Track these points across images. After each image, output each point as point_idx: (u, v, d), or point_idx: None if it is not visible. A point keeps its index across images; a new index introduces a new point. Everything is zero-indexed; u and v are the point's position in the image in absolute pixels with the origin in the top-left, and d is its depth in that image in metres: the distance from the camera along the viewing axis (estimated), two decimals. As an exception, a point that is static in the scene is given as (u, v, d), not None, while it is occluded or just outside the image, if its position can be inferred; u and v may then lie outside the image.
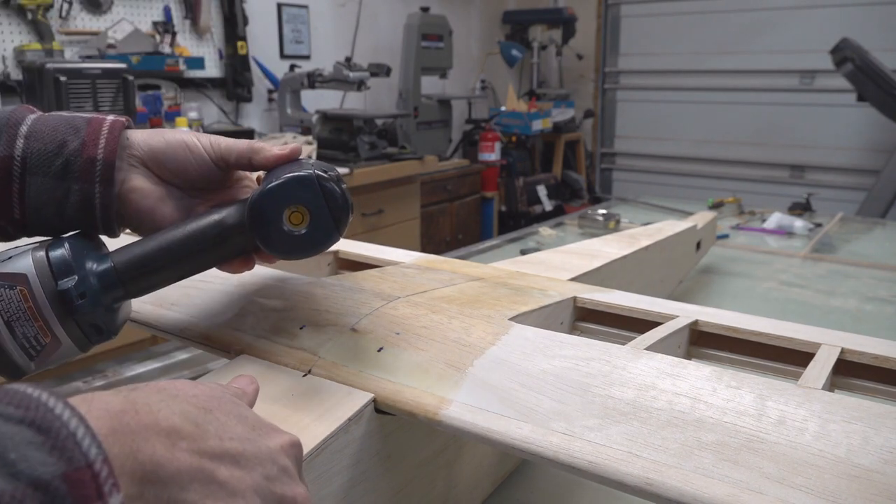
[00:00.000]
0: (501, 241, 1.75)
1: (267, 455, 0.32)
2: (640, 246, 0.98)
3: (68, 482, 0.22)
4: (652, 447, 0.38)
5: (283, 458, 0.34)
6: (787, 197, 2.83)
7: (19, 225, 0.45)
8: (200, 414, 0.30)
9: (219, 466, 0.29)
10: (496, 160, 4.05)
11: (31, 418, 0.23)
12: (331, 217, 0.45)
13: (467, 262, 0.80)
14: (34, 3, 2.51)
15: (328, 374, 0.48)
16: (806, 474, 0.35)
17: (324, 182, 0.45)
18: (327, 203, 0.45)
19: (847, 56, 3.23)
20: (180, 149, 0.49)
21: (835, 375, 0.54)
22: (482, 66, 5.04)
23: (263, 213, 0.45)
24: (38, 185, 0.45)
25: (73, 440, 0.23)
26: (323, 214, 0.45)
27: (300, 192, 0.45)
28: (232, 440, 0.31)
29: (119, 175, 0.47)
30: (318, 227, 0.45)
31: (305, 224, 0.45)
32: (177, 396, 0.31)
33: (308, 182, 0.45)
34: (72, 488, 0.22)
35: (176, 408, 0.29)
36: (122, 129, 0.47)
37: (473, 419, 0.42)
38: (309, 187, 0.45)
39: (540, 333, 0.51)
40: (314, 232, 0.45)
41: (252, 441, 0.32)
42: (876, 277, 1.45)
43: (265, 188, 0.45)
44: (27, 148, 0.45)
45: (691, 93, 4.79)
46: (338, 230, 0.46)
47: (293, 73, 3.22)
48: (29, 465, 0.22)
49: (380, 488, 0.47)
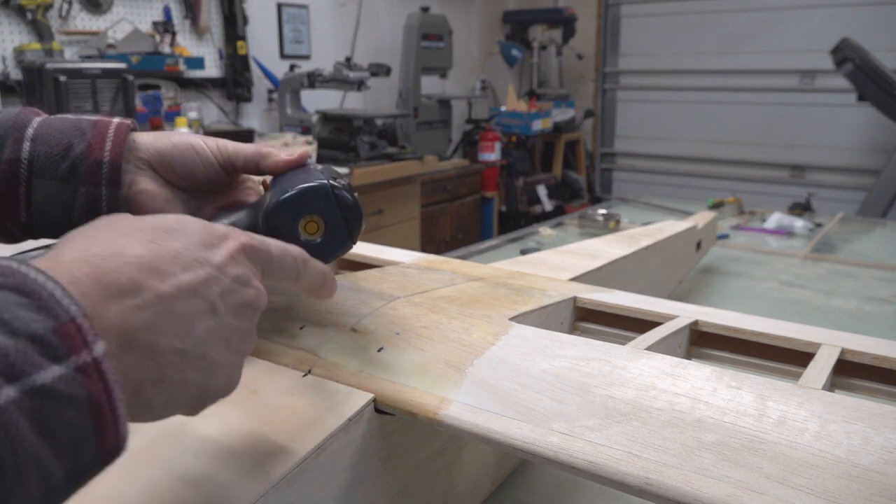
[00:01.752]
0: (501, 241, 1.75)
1: (219, 270, 0.34)
2: (640, 246, 0.98)
3: (58, 335, 0.25)
4: (652, 447, 0.38)
5: (234, 268, 0.35)
6: (787, 197, 2.84)
7: (26, 227, 0.46)
8: (152, 253, 0.31)
9: (176, 302, 0.31)
10: (496, 160, 4.05)
11: (13, 284, 0.25)
12: (345, 225, 0.46)
13: (467, 262, 0.80)
14: (34, 3, 2.51)
15: (328, 374, 0.48)
16: (806, 474, 0.35)
17: (337, 191, 0.46)
18: (341, 212, 0.46)
19: (847, 56, 3.23)
20: (188, 152, 0.49)
21: (835, 375, 0.54)
22: (482, 66, 5.04)
23: (279, 224, 0.45)
24: (44, 187, 0.45)
25: (55, 300, 0.26)
26: (337, 223, 0.46)
27: (315, 202, 0.46)
28: (185, 271, 0.32)
29: (126, 177, 0.47)
30: (332, 236, 0.46)
31: (320, 233, 0.46)
32: (128, 235, 0.32)
33: (323, 192, 0.46)
34: (62, 340, 0.25)
35: (130, 256, 0.30)
36: (128, 131, 0.48)
37: (473, 419, 0.42)
38: (324, 197, 0.46)
39: (540, 333, 0.51)
40: (329, 240, 0.46)
41: (203, 263, 0.33)
42: (876, 277, 1.45)
43: (280, 199, 0.45)
44: (34, 151, 0.45)
45: (691, 93, 4.79)
46: (351, 238, 0.47)
47: (293, 73, 3.22)
48: (23, 323, 0.24)
49: (380, 488, 0.47)
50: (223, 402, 0.44)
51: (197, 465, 0.38)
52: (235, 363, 0.35)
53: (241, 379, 0.36)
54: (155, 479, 0.37)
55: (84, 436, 0.25)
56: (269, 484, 0.37)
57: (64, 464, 0.25)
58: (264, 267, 0.38)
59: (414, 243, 3.26)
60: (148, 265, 0.31)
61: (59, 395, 0.24)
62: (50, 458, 0.24)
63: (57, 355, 0.24)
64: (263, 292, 0.37)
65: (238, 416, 0.43)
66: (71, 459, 0.25)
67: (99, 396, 0.26)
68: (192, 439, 0.40)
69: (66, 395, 0.24)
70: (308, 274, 0.41)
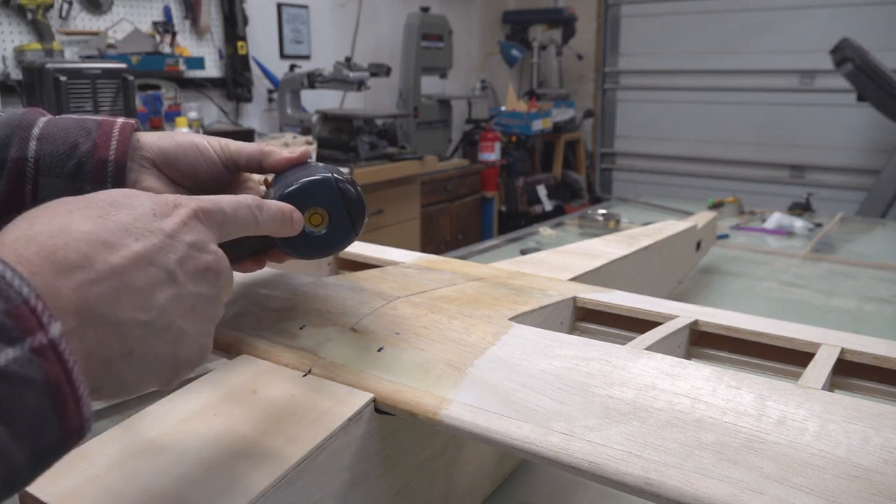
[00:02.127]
0: (501, 241, 1.75)
1: (172, 238, 0.34)
2: (640, 246, 0.98)
3: (12, 317, 0.25)
4: (652, 447, 0.38)
5: (188, 234, 0.35)
6: (787, 197, 2.84)
7: None
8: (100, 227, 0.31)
9: (133, 274, 0.31)
10: (496, 160, 4.05)
11: None
12: (348, 217, 0.48)
13: (467, 262, 0.80)
14: (34, 3, 2.51)
15: (328, 374, 0.48)
16: (806, 474, 0.35)
17: (341, 184, 0.47)
18: (345, 204, 0.47)
19: (847, 56, 3.23)
20: (191, 151, 0.50)
21: (835, 375, 0.54)
22: (482, 66, 5.04)
23: None
24: (50, 186, 0.46)
25: (5, 282, 0.25)
26: (341, 215, 0.47)
27: (319, 195, 0.47)
28: (137, 241, 0.32)
29: (130, 176, 0.48)
30: (337, 227, 0.48)
31: (325, 225, 0.47)
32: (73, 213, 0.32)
33: (327, 184, 0.47)
34: (16, 322, 0.25)
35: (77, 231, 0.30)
36: (133, 131, 0.48)
37: (473, 419, 0.42)
38: (328, 189, 0.47)
39: (540, 333, 0.51)
40: (334, 232, 0.48)
41: (154, 232, 0.33)
42: (876, 277, 1.45)
43: (285, 192, 0.46)
44: (40, 150, 0.46)
45: (691, 93, 4.79)
46: (354, 230, 0.48)
47: (293, 73, 3.22)
48: None
49: (380, 488, 0.47)
50: (223, 402, 0.44)
51: (197, 465, 0.38)
52: (204, 331, 0.35)
53: (240, 380, 0.36)
54: (155, 479, 0.37)
55: (44, 418, 0.25)
56: (270, 484, 0.37)
57: (25, 447, 0.25)
58: (221, 227, 0.38)
59: (414, 243, 3.26)
60: (97, 238, 0.30)
61: (15, 378, 0.24)
62: (9, 442, 0.24)
63: (11, 338, 0.24)
64: (223, 255, 0.37)
65: (238, 416, 0.43)
66: (32, 442, 0.25)
67: (57, 378, 0.26)
68: (192, 439, 0.40)
69: (21, 377, 0.24)
70: (267, 218, 0.41)
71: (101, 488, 0.37)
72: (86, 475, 0.37)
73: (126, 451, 0.39)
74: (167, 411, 0.43)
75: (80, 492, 0.36)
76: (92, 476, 0.37)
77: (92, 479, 0.37)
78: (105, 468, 0.38)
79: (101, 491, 0.36)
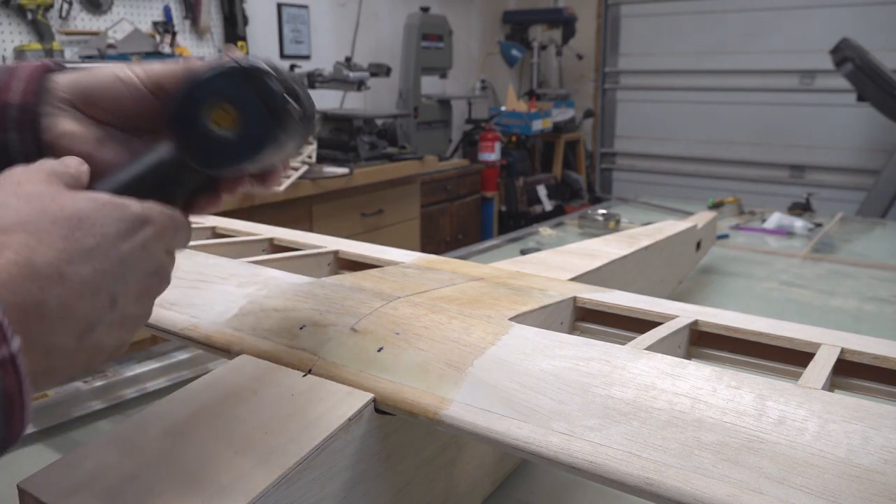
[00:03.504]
0: (501, 241, 1.75)
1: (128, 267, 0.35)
2: (640, 246, 0.98)
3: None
4: (652, 447, 0.38)
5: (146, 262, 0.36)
6: (787, 197, 2.83)
7: None
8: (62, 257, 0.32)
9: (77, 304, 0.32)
10: (496, 160, 4.05)
11: None
12: (268, 112, 0.39)
13: (467, 262, 0.80)
14: (34, 3, 2.51)
15: (328, 374, 0.48)
16: (806, 474, 0.35)
17: (252, 73, 0.39)
18: (260, 96, 0.39)
19: (847, 56, 3.23)
20: (112, 83, 0.44)
21: (835, 375, 0.54)
22: (482, 66, 5.04)
23: (181, 117, 0.39)
24: None
25: None
26: (255, 110, 0.39)
27: (222, 87, 0.39)
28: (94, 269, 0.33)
29: (45, 121, 0.43)
30: (251, 126, 0.39)
31: (235, 124, 0.39)
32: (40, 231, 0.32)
33: (230, 74, 0.39)
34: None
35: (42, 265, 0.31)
36: (45, 72, 0.44)
37: (473, 419, 0.42)
38: (231, 79, 0.39)
39: (540, 333, 0.51)
40: (248, 132, 0.39)
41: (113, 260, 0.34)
42: (876, 277, 1.45)
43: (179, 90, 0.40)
44: None
45: (691, 93, 4.79)
46: (281, 127, 0.40)
47: (293, 73, 3.22)
48: None
49: (380, 488, 0.47)
50: (223, 402, 0.44)
51: (197, 465, 0.38)
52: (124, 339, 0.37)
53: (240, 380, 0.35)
54: (155, 480, 0.37)
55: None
56: (270, 483, 0.37)
57: None
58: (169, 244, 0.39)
59: (414, 243, 3.26)
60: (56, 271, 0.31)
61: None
62: None
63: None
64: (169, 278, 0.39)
65: (238, 416, 0.43)
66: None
67: (12, 388, 0.27)
68: (192, 439, 0.40)
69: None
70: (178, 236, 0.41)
71: (102, 488, 0.37)
72: (86, 475, 0.37)
73: (126, 451, 0.39)
74: (167, 411, 0.43)
75: (80, 492, 0.36)
76: (92, 476, 0.37)
77: (92, 479, 0.37)
78: (105, 468, 0.38)
79: (102, 491, 0.36)
